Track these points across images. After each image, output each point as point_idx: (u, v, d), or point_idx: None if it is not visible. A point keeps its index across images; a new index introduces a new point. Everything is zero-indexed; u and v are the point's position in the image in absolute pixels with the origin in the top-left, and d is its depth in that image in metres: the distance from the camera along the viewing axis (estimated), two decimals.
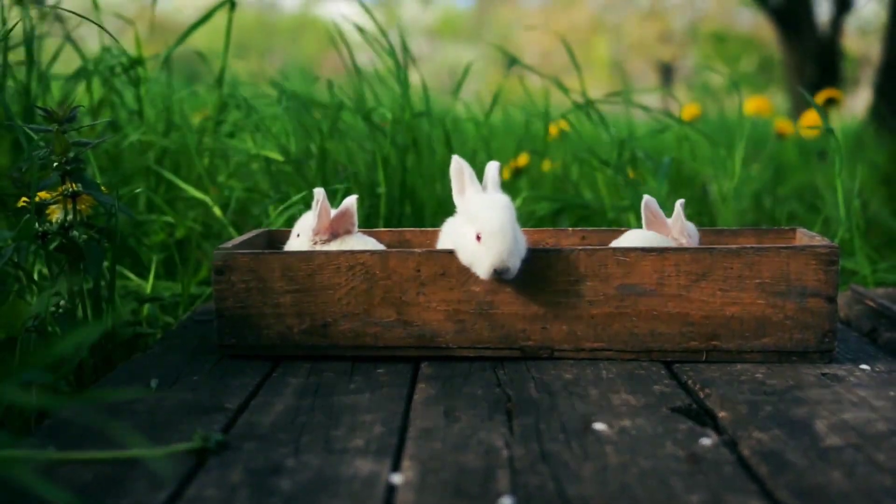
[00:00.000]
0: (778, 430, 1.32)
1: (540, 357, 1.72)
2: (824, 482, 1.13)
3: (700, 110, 3.78)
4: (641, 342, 1.70)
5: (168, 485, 1.13)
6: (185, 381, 1.60)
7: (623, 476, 1.16)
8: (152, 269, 2.30)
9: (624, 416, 1.39)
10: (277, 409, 1.44)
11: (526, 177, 3.40)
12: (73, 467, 1.19)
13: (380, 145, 2.72)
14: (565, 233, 2.08)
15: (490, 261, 1.62)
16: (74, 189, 1.73)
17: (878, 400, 1.46)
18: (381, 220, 2.69)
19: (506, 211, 1.67)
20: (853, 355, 1.75)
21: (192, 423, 1.37)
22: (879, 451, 1.23)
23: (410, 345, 1.73)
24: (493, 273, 1.62)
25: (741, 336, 1.68)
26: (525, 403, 1.45)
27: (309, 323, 1.73)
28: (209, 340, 1.87)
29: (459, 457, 1.23)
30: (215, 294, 1.74)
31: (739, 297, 1.67)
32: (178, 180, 2.61)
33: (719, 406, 1.44)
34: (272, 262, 1.72)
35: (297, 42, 24.63)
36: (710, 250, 1.67)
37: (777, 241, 1.99)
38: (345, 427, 1.35)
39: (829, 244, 1.67)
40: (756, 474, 1.17)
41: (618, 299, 1.69)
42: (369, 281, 1.71)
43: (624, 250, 1.68)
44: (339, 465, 1.20)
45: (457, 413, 1.41)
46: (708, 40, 16.13)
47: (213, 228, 2.75)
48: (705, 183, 3.55)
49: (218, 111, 2.88)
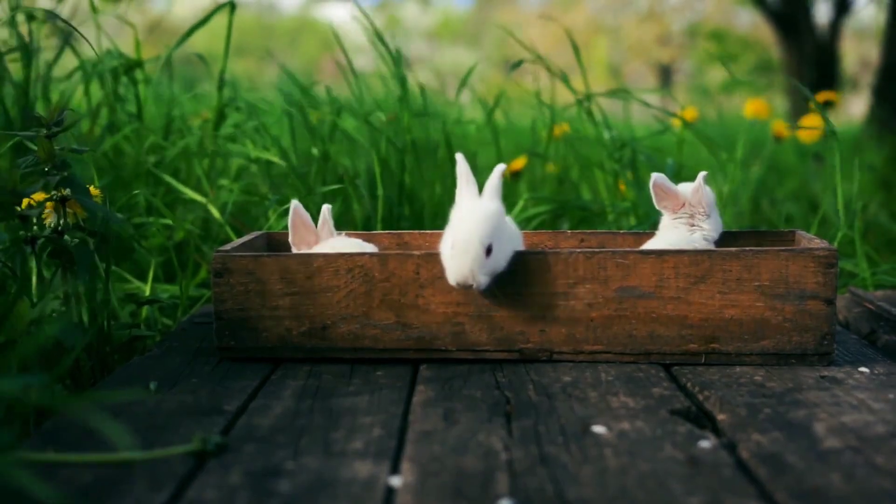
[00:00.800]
0: (777, 433, 1.32)
1: (539, 360, 1.72)
2: (823, 485, 1.13)
3: (698, 113, 3.78)
4: (640, 345, 1.70)
5: (167, 487, 1.13)
6: (184, 384, 1.60)
7: (622, 478, 1.16)
8: (151, 271, 2.30)
9: (623, 418, 1.39)
10: (276, 411, 1.44)
11: (526, 178, 3.40)
12: (73, 469, 1.19)
13: (378, 147, 2.73)
14: (564, 235, 2.08)
15: (452, 275, 1.63)
16: (63, 194, 1.73)
17: (877, 402, 1.46)
18: (379, 223, 2.69)
19: (481, 224, 1.63)
20: (852, 358, 1.75)
21: (192, 425, 1.37)
22: (878, 453, 1.23)
23: (409, 347, 1.73)
24: (458, 286, 1.63)
25: (740, 338, 1.68)
26: (524, 406, 1.45)
27: (308, 325, 1.73)
28: (208, 343, 1.87)
29: (458, 459, 1.23)
30: (214, 296, 1.74)
31: (738, 299, 1.67)
32: (177, 183, 2.61)
33: (718, 408, 1.44)
34: (271, 264, 1.72)
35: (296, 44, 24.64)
36: (709, 253, 1.67)
37: (776, 243, 1.99)
38: (344, 429, 1.35)
39: (827, 247, 1.67)
40: (755, 477, 1.17)
41: (617, 302, 1.69)
42: (368, 283, 1.71)
43: (623, 253, 1.68)
44: (339, 468, 1.20)
45: (456, 415, 1.41)
46: (707, 40, 16.14)
47: (212, 231, 2.75)
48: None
49: (218, 113, 2.88)
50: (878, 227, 3.57)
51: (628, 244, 2.04)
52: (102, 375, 1.82)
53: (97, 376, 1.82)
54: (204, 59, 3.16)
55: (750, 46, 14.09)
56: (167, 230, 2.67)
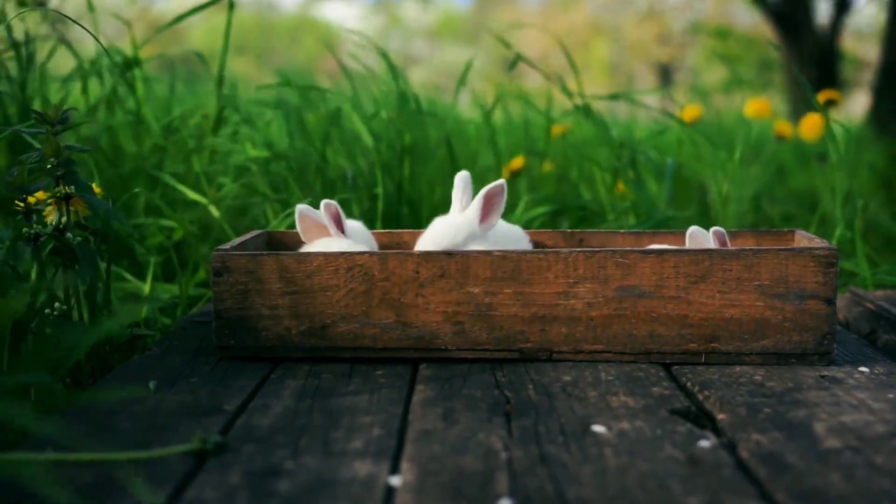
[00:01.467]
0: (777, 433, 1.32)
1: (539, 359, 1.72)
2: (823, 484, 1.13)
3: (699, 112, 3.78)
4: (640, 344, 1.70)
5: (166, 486, 1.13)
6: (183, 383, 1.60)
7: (622, 478, 1.16)
8: (150, 270, 2.30)
9: (623, 418, 1.39)
10: (276, 410, 1.44)
11: (526, 177, 3.40)
12: (72, 469, 1.19)
13: (378, 147, 2.73)
14: (564, 234, 2.08)
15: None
16: (67, 192, 1.73)
17: (877, 402, 1.46)
18: (378, 222, 2.69)
19: (440, 238, 1.80)
20: (852, 357, 1.75)
21: (191, 424, 1.37)
22: (878, 453, 1.23)
23: (409, 346, 1.72)
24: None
25: (740, 338, 1.68)
26: (524, 405, 1.45)
27: (307, 324, 1.73)
28: (208, 342, 1.87)
29: (458, 459, 1.23)
30: (214, 296, 1.74)
31: (738, 298, 1.67)
32: (176, 182, 2.61)
33: (718, 408, 1.44)
34: (270, 263, 1.72)
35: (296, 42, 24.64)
36: (709, 252, 1.67)
37: (776, 243, 1.99)
38: (343, 429, 1.35)
39: (828, 246, 1.67)
40: (755, 476, 1.17)
41: (616, 301, 1.68)
42: (368, 282, 1.71)
43: (623, 252, 1.68)
44: (338, 468, 1.20)
45: (456, 415, 1.41)
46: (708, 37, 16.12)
47: (211, 230, 2.75)
48: (704, 185, 3.56)
49: (217, 112, 2.88)
50: (879, 226, 3.57)
51: (628, 243, 2.04)
52: (102, 374, 1.82)
53: (97, 375, 1.82)
54: (203, 58, 3.16)
55: (752, 44, 14.07)
56: (166, 229, 2.67)
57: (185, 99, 3.42)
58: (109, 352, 1.85)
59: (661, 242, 1.98)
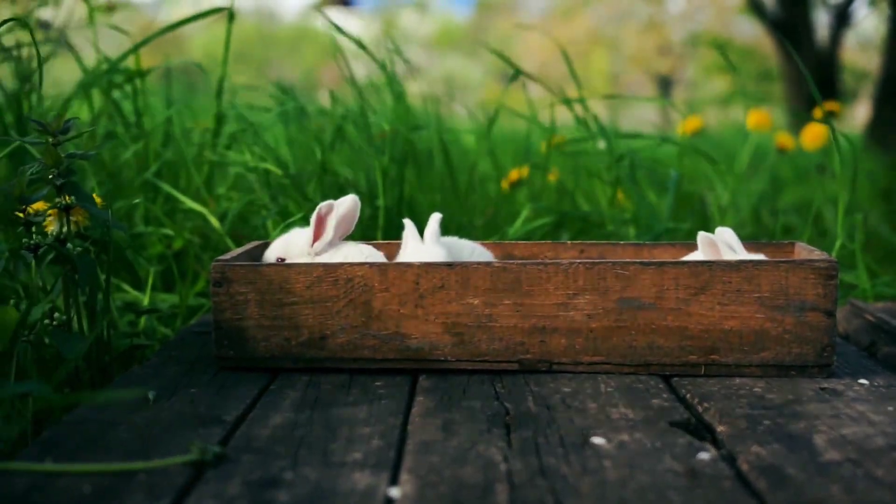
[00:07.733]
0: (777, 445, 1.31)
1: (538, 370, 1.72)
2: (823, 497, 1.13)
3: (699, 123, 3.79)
4: (640, 356, 1.69)
5: (165, 497, 1.13)
6: (182, 393, 1.60)
7: (621, 490, 1.15)
8: (150, 280, 2.30)
9: (622, 430, 1.39)
10: (275, 421, 1.44)
11: (526, 188, 3.40)
12: (71, 479, 1.18)
13: (380, 157, 2.73)
14: (564, 245, 2.08)
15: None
16: (68, 202, 1.73)
17: (877, 415, 1.46)
18: (379, 232, 2.69)
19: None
20: (852, 369, 1.74)
21: (190, 435, 1.37)
22: (878, 465, 1.23)
23: (409, 357, 1.72)
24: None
25: (740, 350, 1.68)
26: (523, 417, 1.45)
27: (307, 335, 1.73)
28: (207, 352, 1.87)
29: (458, 470, 1.23)
30: (213, 306, 1.74)
31: (738, 310, 1.67)
32: (176, 192, 2.61)
33: (718, 420, 1.44)
34: (270, 273, 1.72)
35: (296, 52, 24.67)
36: (709, 264, 1.67)
37: (776, 254, 1.99)
38: (343, 440, 1.35)
39: (827, 258, 1.67)
40: (755, 489, 1.16)
41: (616, 313, 1.68)
42: (367, 293, 1.71)
43: (623, 263, 1.68)
44: (337, 479, 1.19)
45: (455, 426, 1.41)
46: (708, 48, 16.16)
47: (211, 240, 2.75)
48: (703, 196, 3.56)
49: (217, 122, 2.88)
50: (879, 237, 3.57)
51: (628, 255, 2.04)
52: (102, 384, 1.82)
53: (96, 385, 1.81)
54: (203, 69, 3.16)
55: (751, 56, 14.11)
56: (166, 239, 2.67)
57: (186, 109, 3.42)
58: (109, 362, 1.85)
59: (678, 255, 1.96)
